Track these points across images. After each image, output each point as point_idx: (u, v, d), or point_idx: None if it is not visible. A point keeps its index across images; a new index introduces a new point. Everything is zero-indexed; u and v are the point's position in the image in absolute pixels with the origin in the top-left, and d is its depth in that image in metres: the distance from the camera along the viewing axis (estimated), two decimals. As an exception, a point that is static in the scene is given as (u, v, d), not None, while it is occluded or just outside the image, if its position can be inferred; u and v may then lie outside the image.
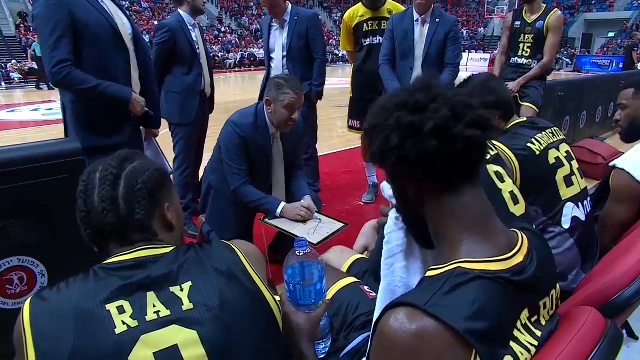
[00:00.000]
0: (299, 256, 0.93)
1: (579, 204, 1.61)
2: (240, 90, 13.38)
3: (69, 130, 1.96)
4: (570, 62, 22.72)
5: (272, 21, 3.05)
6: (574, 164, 1.64)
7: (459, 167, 0.73)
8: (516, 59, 3.46)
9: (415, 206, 0.80)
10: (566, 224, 1.57)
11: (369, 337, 0.98)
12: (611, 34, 27.71)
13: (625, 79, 5.80)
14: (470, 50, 27.10)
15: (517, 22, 3.42)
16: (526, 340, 0.69)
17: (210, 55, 3.04)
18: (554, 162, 1.58)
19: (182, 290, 0.76)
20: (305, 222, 2.11)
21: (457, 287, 0.66)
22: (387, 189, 0.93)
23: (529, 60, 3.40)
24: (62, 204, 1.55)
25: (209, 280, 0.78)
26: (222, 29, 27.25)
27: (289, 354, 0.87)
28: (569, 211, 1.58)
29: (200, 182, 2.56)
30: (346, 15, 3.38)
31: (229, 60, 22.51)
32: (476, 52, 26.93)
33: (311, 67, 3.09)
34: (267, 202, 2.14)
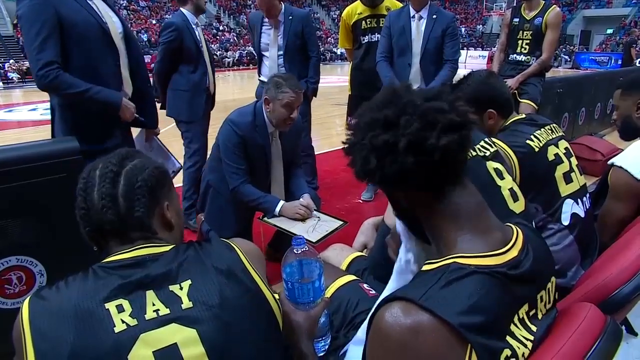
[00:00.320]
0: (297, 254, 0.93)
1: (579, 200, 1.61)
2: (238, 88, 13.36)
3: (55, 134, 1.90)
4: (568, 59, 22.75)
5: (263, 20, 3.04)
6: (573, 161, 1.64)
7: (442, 174, 0.73)
8: (515, 55, 3.46)
9: (409, 213, 0.82)
10: (565, 221, 1.57)
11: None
12: (609, 31, 27.69)
13: (623, 75, 5.79)
14: (468, 47, 27.09)
15: (516, 19, 3.42)
16: (522, 334, 0.69)
17: (212, 53, 3.04)
18: (553, 158, 1.57)
19: (181, 288, 0.76)
20: (304, 220, 2.11)
21: (453, 282, 0.66)
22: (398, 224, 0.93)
23: (528, 57, 3.40)
24: (60, 203, 1.55)
25: (209, 278, 0.78)
26: (221, 28, 27.21)
27: (289, 352, 0.87)
28: (569, 208, 1.58)
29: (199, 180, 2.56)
30: (344, 12, 3.38)
31: (227, 58, 22.46)
32: (475, 49, 26.92)
33: (306, 65, 3.11)
34: (266, 201, 2.14)
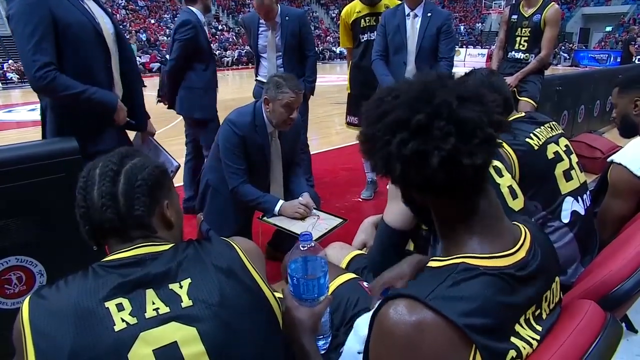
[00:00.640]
0: (302, 250, 0.92)
1: (579, 198, 1.61)
2: (237, 87, 13.34)
3: (47, 136, 1.83)
4: (568, 57, 22.73)
5: (260, 21, 3.04)
6: (573, 158, 1.64)
7: (470, 185, 0.70)
8: (513, 53, 3.46)
9: (422, 210, 0.80)
10: (565, 218, 1.57)
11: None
12: (608, 28, 27.67)
13: (622, 73, 5.80)
14: (467, 45, 27.08)
15: (514, 16, 3.42)
16: (527, 334, 0.69)
17: (214, 52, 3.07)
18: (552, 156, 1.57)
19: (181, 287, 0.76)
20: (303, 219, 2.11)
21: (461, 282, 0.65)
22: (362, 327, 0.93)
23: (526, 54, 3.39)
24: (60, 203, 1.55)
25: (209, 277, 0.78)
26: (219, 27, 27.17)
27: (289, 350, 0.87)
28: (569, 205, 1.58)
29: (198, 180, 2.56)
30: (343, 11, 3.37)
31: (226, 58, 22.44)
32: (474, 47, 26.90)
33: (303, 64, 3.14)
34: (266, 200, 2.14)
